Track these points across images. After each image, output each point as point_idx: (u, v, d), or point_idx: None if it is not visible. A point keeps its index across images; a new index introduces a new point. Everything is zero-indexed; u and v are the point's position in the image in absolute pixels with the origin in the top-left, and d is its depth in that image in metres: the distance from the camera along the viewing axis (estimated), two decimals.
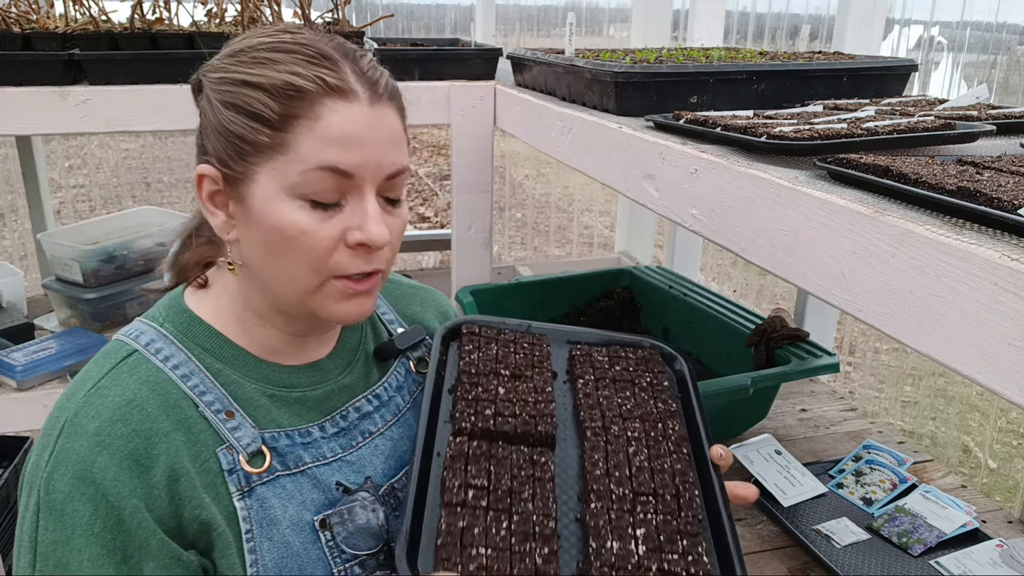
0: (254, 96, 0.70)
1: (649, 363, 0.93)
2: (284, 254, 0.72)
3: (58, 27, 1.52)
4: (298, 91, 0.70)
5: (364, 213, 0.72)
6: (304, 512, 0.77)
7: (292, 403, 0.81)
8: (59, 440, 0.70)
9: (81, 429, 0.70)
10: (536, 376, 0.87)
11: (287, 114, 0.70)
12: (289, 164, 0.70)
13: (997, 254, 0.54)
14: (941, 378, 3.51)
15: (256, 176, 0.71)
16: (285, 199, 0.71)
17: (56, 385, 1.60)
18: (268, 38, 0.74)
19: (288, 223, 0.71)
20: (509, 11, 4.67)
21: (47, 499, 0.68)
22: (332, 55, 0.73)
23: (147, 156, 5.99)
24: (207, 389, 0.76)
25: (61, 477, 0.68)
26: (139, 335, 0.78)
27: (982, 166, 0.76)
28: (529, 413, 0.81)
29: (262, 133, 0.70)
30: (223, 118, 0.72)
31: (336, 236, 0.72)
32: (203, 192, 0.76)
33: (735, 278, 4.53)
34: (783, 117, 1.05)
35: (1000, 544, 1.19)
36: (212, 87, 0.74)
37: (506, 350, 0.91)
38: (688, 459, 0.78)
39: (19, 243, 4.52)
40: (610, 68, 1.18)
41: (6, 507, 1.97)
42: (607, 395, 0.86)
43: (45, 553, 0.68)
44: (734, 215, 0.86)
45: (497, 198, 5.11)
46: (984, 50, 2.90)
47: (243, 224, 0.74)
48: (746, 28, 3.56)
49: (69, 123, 1.44)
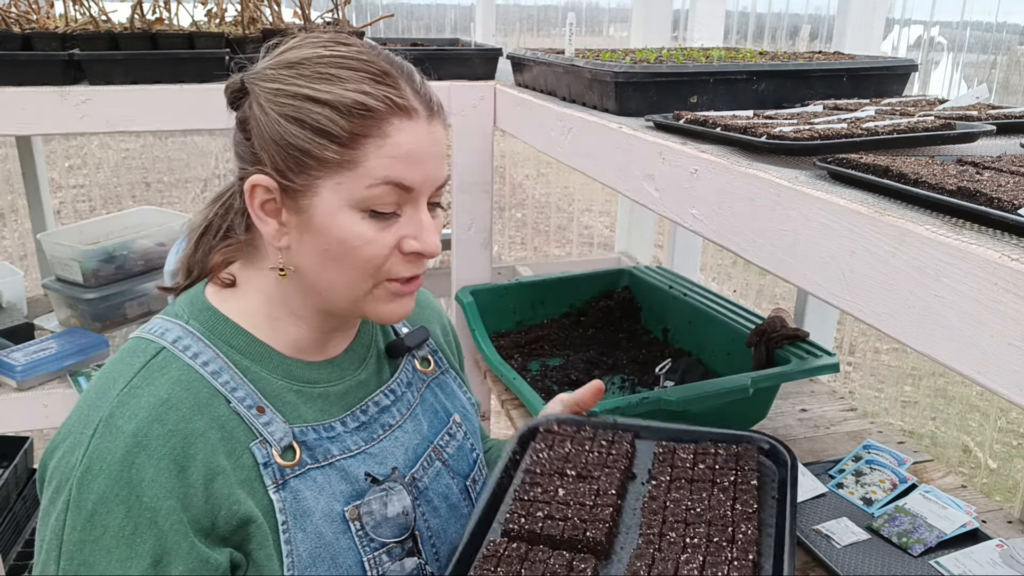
0: (321, 113, 0.72)
1: (742, 459, 0.85)
2: (344, 261, 0.75)
3: (58, 27, 1.52)
4: (368, 110, 0.72)
5: (420, 224, 0.77)
6: (334, 503, 0.79)
7: (316, 398, 0.83)
8: (93, 440, 0.70)
9: (117, 430, 0.70)
10: (604, 477, 0.82)
11: (357, 132, 0.72)
12: (356, 180, 0.73)
13: (997, 254, 0.54)
14: (941, 378, 3.51)
15: (319, 190, 0.74)
16: (348, 211, 0.74)
17: (56, 385, 1.60)
18: (326, 51, 0.75)
19: (352, 235, 0.74)
20: (509, 11, 4.67)
21: (78, 499, 0.68)
22: (393, 73, 0.75)
23: (147, 156, 5.98)
24: (237, 385, 0.77)
25: (95, 477, 0.68)
26: (164, 332, 0.78)
27: (982, 166, 0.76)
28: (582, 517, 0.77)
29: (329, 150, 0.72)
30: (284, 131, 0.73)
31: (393, 244, 0.76)
32: (255, 201, 0.77)
33: (735, 278, 4.53)
34: (783, 117, 1.05)
35: (1000, 544, 1.19)
36: (268, 97, 0.75)
37: (579, 448, 0.87)
38: (752, 565, 0.70)
39: (19, 243, 4.52)
40: (610, 68, 1.18)
41: (6, 507, 1.97)
42: (676, 498, 0.80)
43: (71, 552, 0.68)
44: (734, 215, 0.86)
45: (497, 198, 5.10)
46: (984, 50, 2.90)
47: (299, 233, 0.76)
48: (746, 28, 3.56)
49: (69, 123, 1.44)
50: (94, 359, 1.67)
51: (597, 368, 1.72)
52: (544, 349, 1.81)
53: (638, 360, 1.75)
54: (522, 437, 0.91)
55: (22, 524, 2.06)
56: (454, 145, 1.72)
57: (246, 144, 0.78)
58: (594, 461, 0.85)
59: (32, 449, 2.18)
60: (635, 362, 1.74)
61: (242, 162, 0.79)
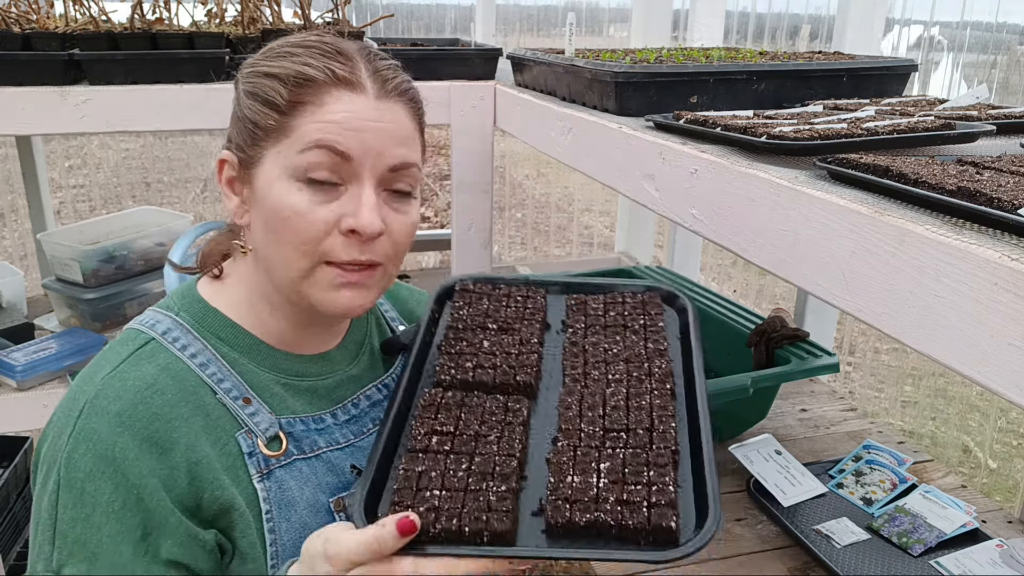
0: (269, 84, 0.74)
1: (648, 306, 0.93)
2: (279, 234, 0.75)
3: (58, 27, 1.52)
4: (308, 80, 0.74)
5: (359, 200, 0.74)
6: (320, 494, 0.80)
7: (304, 391, 0.83)
8: (79, 420, 0.71)
9: (102, 410, 0.71)
10: (525, 328, 0.88)
11: (295, 100, 0.73)
12: (291, 146, 0.73)
13: (997, 254, 0.54)
14: (941, 378, 3.51)
15: (264, 159, 0.75)
16: (285, 180, 0.74)
17: (56, 385, 1.60)
18: (297, 37, 0.78)
19: (285, 204, 0.73)
20: (509, 11, 4.67)
21: (67, 477, 0.69)
22: (348, 52, 0.77)
23: (147, 156, 5.98)
24: (224, 377, 0.78)
25: (82, 456, 0.69)
26: (155, 324, 0.79)
27: (982, 166, 0.76)
28: (510, 364, 0.81)
29: (271, 117, 0.74)
30: (243, 106, 0.77)
31: (331, 220, 0.73)
32: (223, 177, 0.79)
33: (735, 278, 4.53)
34: (783, 117, 1.05)
35: (1000, 544, 1.19)
36: (241, 80, 0.79)
37: (498, 304, 0.92)
38: (670, 393, 0.78)
39: (19, 243, 4.51)
40: (610, 68, 1.18)
41: (6, 507, 1.97)
42: (594, 341, 0.87)
43: (64, 531, 0.69)
44: (734, 215, 0.86)
45: (497, 198, 5.10)
46: (984, 50, 2.90)
47: (252, 208, 0.78)
48: (746, 28, 3.56)
49: (69, 123, 1.44)
50: None
51: None
52: None
53: None
54: (439, 296, 0.94)
55: (22, 524, 2.06)
56: (454, 145, 1.72)
57: (229, 128, 0.81)
58: (512, 316, 0.90)
59: (32, 449, 2.18)
60: None
61: (227, 144, 0.81)
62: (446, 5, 4.28)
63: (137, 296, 1.87)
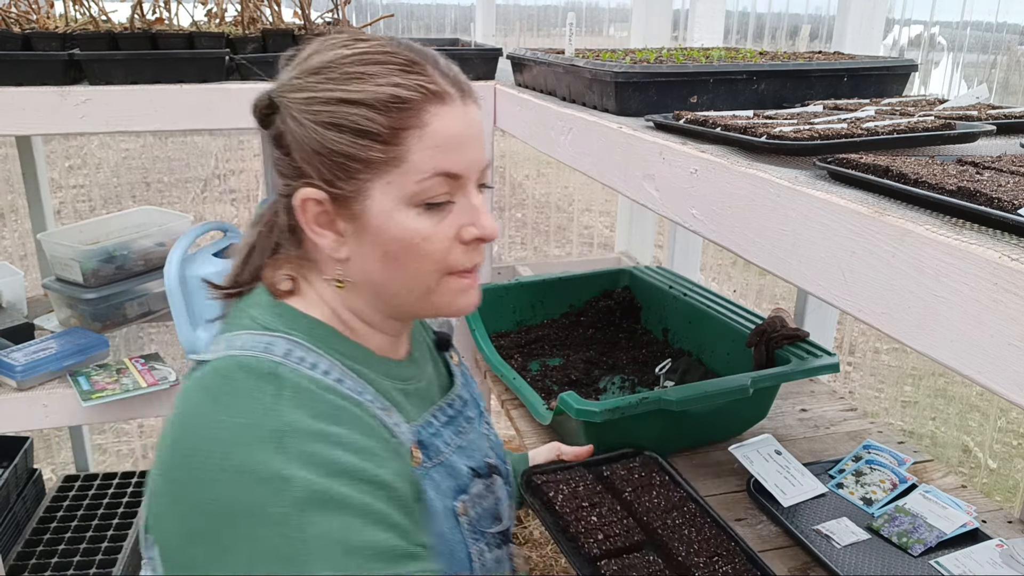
0: (358, 113, 0.70)
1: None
2: (405, 261, 0.73)
3: (58, 27, 1.52)
4: (404, 102, 0.71)
5: (474, 209, 0.75)
6: (446, 499, 0.78)
7: (411, 395, 0.82)
8: (279, 452, 0.62)
9: (304, 434, 0.64)
10: (608, 500, 1.19)
11: (396, 126, 0.70)
12: (405, 176, 0.71)
13: (997, 254, 0.54)
14: (941, 378, 3.51)
15: (370, 192, 0.72)
16: (403, 209, 0.72)
17: (56, 385, 1.60)
18: (348, 50, 0.73)
19: (410, 232, 0.72)
20: (509, 11, 4.67)
21: (304, 497, 0.61)
22: (419, 60, 0.74)
23: (147, 156, 5.98)
24: (361, 388, 0.74)
25: (309, 475, 0.62)
26: (268, 346, 0.71)
27: (982, 166, 0.76)
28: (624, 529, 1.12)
29: (373, 150, 0.70)
30: (323, 139, 0.71)
31: (452, 235, 0.74)
32: (308, 215, 0.74)
33: (735, 278, 4.53)
34: (783, 117, 1.05)
35: (1000, 544, 1.19)
36: (300, 108, 0.72)
37: (576, 485, 1.22)
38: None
39: (19, 243, 4.51)
40: (610, 68, 1.18)
41: (6, 507, 1.97)
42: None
43: (326, 545, 0.61)
44: (734, 215, 0.86)
45: (497, 198, 5.11)
46: (984, 50, 2.90)
47: (356, 240, 0.74)
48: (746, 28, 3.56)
49: (69, 123, 1.44)
50: (94, 359, 1.67)
51: (597, 368, 1.72)
52: (544, 349, 1.81)
53: (638, 360, 1.75)
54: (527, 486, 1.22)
55: (22, 524, 2.06)
56: None
57: (285, 160, 0.75)
58: (590, 491, 1.20)
59: (32, 449, 2.18)
60: (635, 362, 1.74)
61: (284, 178, 0.75)
62: (446, 5, 4.28)
63: (137, 296, 1.87)
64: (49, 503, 2.17)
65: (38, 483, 2.21)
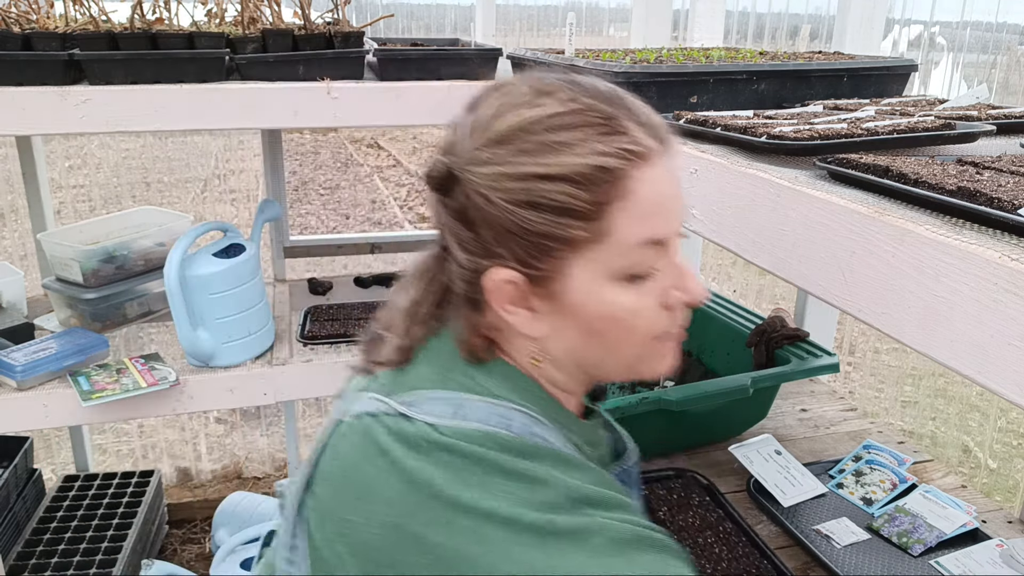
0: (557, 189, 0.64)
1: None
2: (613, 335, 0.69)
3: (58, 27, 1.52)
4: (606, 171, 0.64)
5: (679, 272, 0.69)
6: None
7: (597, 460, 0.76)
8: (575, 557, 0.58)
9: (582, 534, 0.59)
10: None
11: (599, 201, 0.64)
12: (608, 251, 0.65)
13: (997, 254, 0.54)
14: (941, 378, 3.51)
15: (569, 270, 0.66)
16: (607, 285, 0.67)
17: (56, 385, 1.60)
18: (533, 111, 0.66)
19: (616, 308, 0.67)
20: (509, 11, 4.67)
21: (549, 528, 0.58)
22: (616, 115, 0.67)
23: (147, 156, 5.98)
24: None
25: (568, 510, 0.60)
26: (509, 422, 0.66)
27: (982, 166, 0.76)
28: None
29: (574, 227, 0.64)
30: (518, 219, 0.65)
31: (657, 304, 0.69)
32: (503, 297, 0.68)
33: (735, 278, 4.53)
34: (783, 117, 1.05)
35: (1000, 544, 1.19)
36: (489, 185, 0.66)
37: None
38: None
39: (19, 243, 4.51)
40: (610, 68, 1.18)
41: (6, 507, 1.97)
42: None
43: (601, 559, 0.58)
44: (734, 215, 0.86)
45: None
46: (984, 50, 2.90)
47: (554, 318, 0.69)
48: (746, 28, 3.56)
49: (69, 123, 1.44)
50: (94, 359, 1.67)
51: None
52: None
53: None
54: None
55: (22, 524, 2.06)
56: None
57: (469, 235, 0.69)
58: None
59: (32, 449, 2.18)
60: None
61: (468, 253, 0.69)
62: (446, 5, 4.28)
63: (137, 296, 1.87)
64: (49, 503, 2.17)
65: (38, 483, 2.21)
